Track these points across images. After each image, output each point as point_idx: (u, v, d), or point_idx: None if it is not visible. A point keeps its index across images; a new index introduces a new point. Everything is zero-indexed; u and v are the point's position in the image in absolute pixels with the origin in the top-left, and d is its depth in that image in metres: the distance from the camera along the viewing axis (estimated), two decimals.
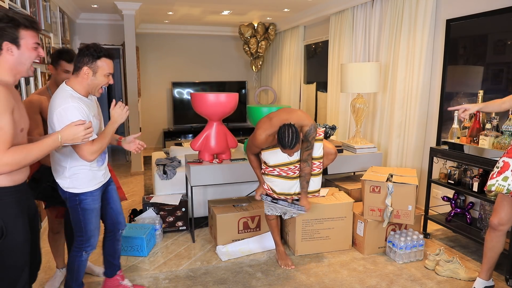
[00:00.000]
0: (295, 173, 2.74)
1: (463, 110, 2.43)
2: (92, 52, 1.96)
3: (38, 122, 2.28)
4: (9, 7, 2.87)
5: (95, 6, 5.56)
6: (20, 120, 1.61)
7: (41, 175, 2.29)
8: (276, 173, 2.74)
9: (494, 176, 2.18)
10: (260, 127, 2.62)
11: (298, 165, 2.73)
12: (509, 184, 2.10)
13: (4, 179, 1.55)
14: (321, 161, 2.78)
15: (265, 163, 2.77)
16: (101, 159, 2.16)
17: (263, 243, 3.19)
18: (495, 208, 2.31)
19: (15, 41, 1.57)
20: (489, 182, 2.19)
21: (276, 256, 3.02)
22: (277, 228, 2.98)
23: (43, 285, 2.61)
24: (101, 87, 2.05)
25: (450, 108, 2.66)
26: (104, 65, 2.00)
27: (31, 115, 2.14)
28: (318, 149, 2.75)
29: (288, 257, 2.97)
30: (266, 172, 2.78)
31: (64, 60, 2.35)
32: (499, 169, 2.17)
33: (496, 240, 2.33)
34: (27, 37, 1.60)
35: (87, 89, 2.03)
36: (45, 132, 2.21)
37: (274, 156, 2.70)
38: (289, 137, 2.44)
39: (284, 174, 2.73)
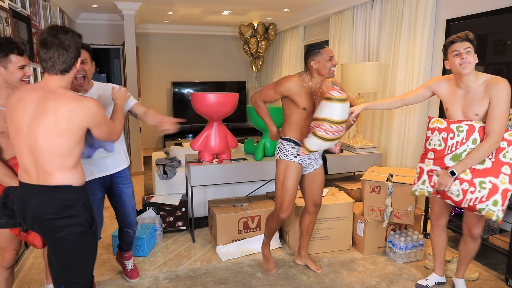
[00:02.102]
0: (334, 135, 2.39)
1: (350, 113, 2.47)
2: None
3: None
4: (9, 7, 2.87)
5: (95, 6, 5.56)
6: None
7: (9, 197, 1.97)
8: (321, 130, 2.34)
9: (415, 181, 2.40)
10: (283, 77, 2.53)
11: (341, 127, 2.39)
12: (427, 187, 2.32)
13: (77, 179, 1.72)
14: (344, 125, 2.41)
15: (322, 119, 2.35)
16: (85, 151, 2.21)
17: None
18: (431, 206, 2.55)
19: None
20: (412, 188, 2.42)
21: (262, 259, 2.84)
22: (272, 235, 2.77)
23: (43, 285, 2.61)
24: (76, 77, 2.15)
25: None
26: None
27: None
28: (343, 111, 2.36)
29: (273, 261, 2.83)
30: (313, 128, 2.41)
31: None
32: (418, 174, 2.38)
33: (438, 235, 2.54)
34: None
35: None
36: None
37: (342, 111, 2.33)
38: (314, 43, 2.45)
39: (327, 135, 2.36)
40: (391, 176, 3.05)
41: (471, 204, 2.15)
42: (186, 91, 7.53)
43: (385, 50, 4.27)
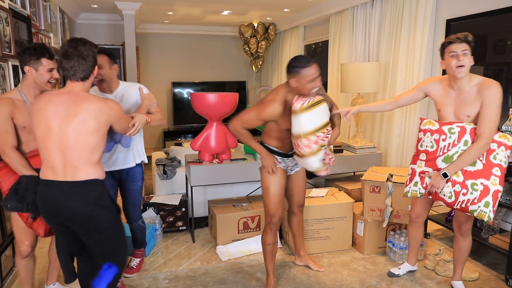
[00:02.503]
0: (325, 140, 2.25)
1: (346, 112, 2.48)
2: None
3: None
4: (9, 7, 2.87)
5: (95, 6, 5.56)
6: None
7: (27, 186, 2.06)
8: (314, 145, 2.20)
9: (407, 183, 2.41)
10: (266, 98, 2.34)
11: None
12: (419, 188, 2.34)
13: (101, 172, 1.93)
14: (329, 128, 2.27)
15: (297, 136, 2.22)
16: (106, 146, 2.37)
17: None
18: (412, 204, 2.60)
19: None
20: (405, 190, 2.43)
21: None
22: (272, 255, 2.55)
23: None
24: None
25: (343, 115, 2.54)
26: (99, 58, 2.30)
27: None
28: (321, 114, 2.22)
29: None
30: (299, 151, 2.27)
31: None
32: (410, 176, 2.40)
33: (416, 230, 2.63)
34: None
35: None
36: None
37: (313, 118, 2.18)
38: (299, 56, 2.23)
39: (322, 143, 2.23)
40: (391, 176, 3.05)
41: (463, 205, 2.17)
42: (186, 91, 7.53)
43: (385, 50, 4.27)
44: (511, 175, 2.62)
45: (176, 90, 7.47)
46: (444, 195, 2.22)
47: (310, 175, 3.41)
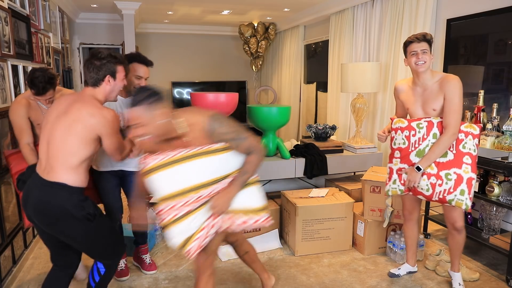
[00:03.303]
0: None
1: (386, 136, 2.59)
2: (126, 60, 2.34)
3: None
4: (8, 7, 2.86)
5: (95, 5, 5.55)
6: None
7: (29, 176, 2.15)
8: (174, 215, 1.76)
9: (387, 182, 2.51)
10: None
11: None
12: (398, 185, 2.43)
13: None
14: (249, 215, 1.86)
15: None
16: None
17: (263, 243, 3.18)
18: (402, 202, 2.66)
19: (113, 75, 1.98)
20: (385, 188, 2.52)
21: None
22: (256, 261, 2.34)
23: None
24: (135, 88, 2.36)
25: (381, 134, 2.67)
26: (133, 67, 2.40)
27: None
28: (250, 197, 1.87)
29: None
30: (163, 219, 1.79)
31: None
32: (388, 175, 2.49)
33: (410, 229, 2.66)
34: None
35: (124, 91, 2.45)
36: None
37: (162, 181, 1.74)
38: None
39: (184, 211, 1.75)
40: None
41: (440, 196, 2.28)
42: (185, 91, 7.53)
43: (385, 50, 4.26)
44: (511, 175, 2.62)
45: (176, 90, 7.47)
46: (421, 188, 2.32)
47: (310, 175, 3.41)
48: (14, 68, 2.94)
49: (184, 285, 2.65)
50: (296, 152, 3.49)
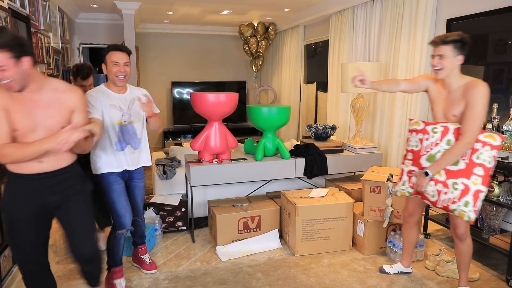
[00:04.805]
0: None
1: (361, 78, 2.41)
2: (105, 52, 2.41)
3: None
4: (8, 7, 2.86)
5: (95, 5, 5.55)
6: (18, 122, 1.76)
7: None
8: None
9: (397, 182, 2.48)
10: None
11: None
12: (407, 187, 2.41)
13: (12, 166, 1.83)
14: None
15: None
16: (119, 145, 2.42)
17: (263, 243, 3.18)
18: (406, 202, 2.63)
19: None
20: (395, 189, 2.50)
21: None
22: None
23: None
24: (117, 76, 2.36)
25: (356, 68, 2.51)
26: (110, 57, 2.37)
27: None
28: None
29: None
30: None
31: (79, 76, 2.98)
32: (400, 175, 2.47)
33: (409, 231, 2.64)
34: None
35: (112, 83, 2.42)
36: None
37: None
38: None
39: None
40: (392, 176, 3.04)
41: (445, 204, 2.22)
42: (185, 91, 7.53)
43: (386, 50, 4.26)
44: (511, 175, 2.61)
45: (176, 90, 7.47)
46: (428, 194, 2.27)
47: (310, 175, 3.41)
48: None
49: (184, 285, 2.65)
50: (296, 152, 3.50)
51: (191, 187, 3.20)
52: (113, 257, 2.55)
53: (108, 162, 2.42)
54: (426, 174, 2.22)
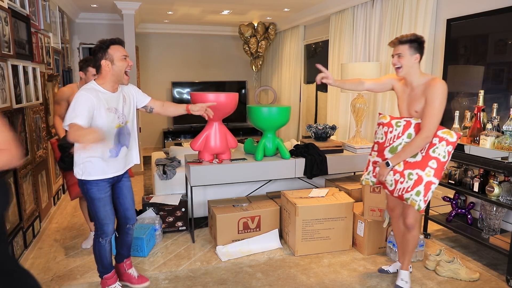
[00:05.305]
0: None
1: (323, 77, 2.50)
2: (101, 46, 2.22)
3: (63, 107, 3.04)
4: (8, 7, 2.86)
5: (95, 5, 5.55)
6: None
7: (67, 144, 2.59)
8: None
9: (364, 172, 2.62)
10: None
11: None
12: (371, 177, 2.55)
13: None
14: None
15: None
16: (115, 151, 2.28)
17: (263, 243, 3.18)
18: (386, 199, 2.71)
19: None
20: (361, 178, 2.63)
21: None
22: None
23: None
24: (125, 73, 2.25)
25: (318, 66, 2.57)
26: (116, 50, 2.23)
27: (59, 100, 3.10)
28: None
29: None
30: None
31: (92, 66, 2.88)
32: (366, 165, 2.60)
33: (395, 225, 2.68)
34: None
35: (113, 81, 2.24)
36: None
37: None
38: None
39: None
40: None
41: (400, 193, 2.33)
42: (185, 90, 7.53)
43: (385, 50, 4.26)
44: (511, 175, 2.62)
45: (176, 90, 7.47)
46: (387, 183, 2.39)
47: (310, 175, 3.41)
48: (14, 68, 2.94)
49: (184, 285, 2.65)
50: (296, 152, 3.50)
51: (191, 187, 3.20)
52: (103, 264, 2.41)
53: (101, 169, 2.23)
54: (387, 164, 2.36)
